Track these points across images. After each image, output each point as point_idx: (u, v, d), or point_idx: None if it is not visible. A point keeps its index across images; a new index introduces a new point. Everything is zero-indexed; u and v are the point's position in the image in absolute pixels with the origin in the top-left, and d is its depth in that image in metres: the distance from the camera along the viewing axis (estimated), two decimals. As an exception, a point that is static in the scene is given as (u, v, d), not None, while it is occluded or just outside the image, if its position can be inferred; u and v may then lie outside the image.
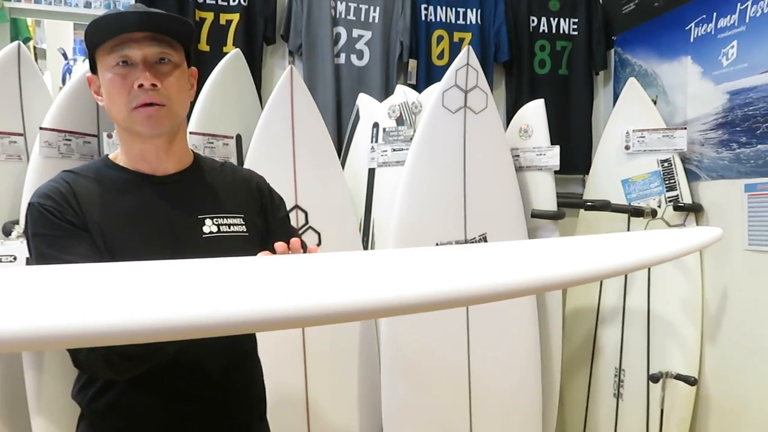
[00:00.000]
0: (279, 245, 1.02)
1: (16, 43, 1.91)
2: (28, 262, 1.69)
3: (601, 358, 2.45)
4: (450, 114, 2.01)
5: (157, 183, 1.12)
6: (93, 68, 1.11)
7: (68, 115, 1.87)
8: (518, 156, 2.25)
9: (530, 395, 2.08)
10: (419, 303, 0.58)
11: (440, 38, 2.73)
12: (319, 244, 1.98)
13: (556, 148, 2.20)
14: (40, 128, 1.81)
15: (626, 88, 2.48)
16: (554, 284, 0.76)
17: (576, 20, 2.89)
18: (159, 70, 1.06)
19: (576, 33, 2.89)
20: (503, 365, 2.04)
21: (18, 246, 1.69)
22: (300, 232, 1.96)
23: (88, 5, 2.42)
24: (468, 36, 2.75)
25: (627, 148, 2.39)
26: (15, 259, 1.69)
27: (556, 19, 2.87)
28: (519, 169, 2.23)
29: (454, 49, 2.73)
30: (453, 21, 2.74)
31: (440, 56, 2.74)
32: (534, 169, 2.24)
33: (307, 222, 1.99)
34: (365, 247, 2.16)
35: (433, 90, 2.14)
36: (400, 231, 1.98)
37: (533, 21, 2.85)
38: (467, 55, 2.01)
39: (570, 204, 2.42)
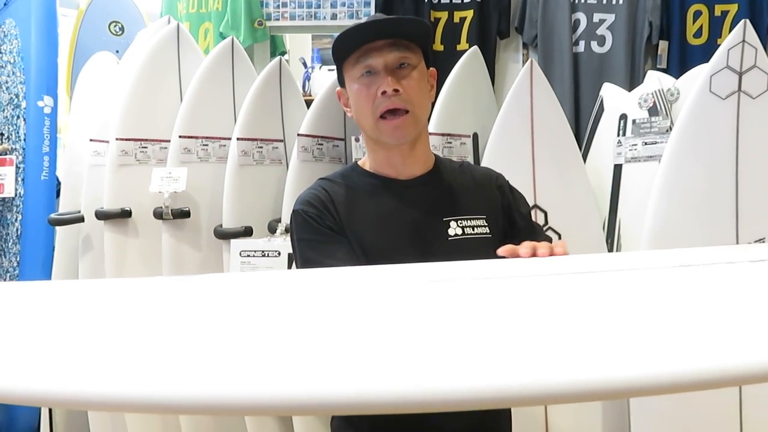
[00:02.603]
0: (526, 246, 0.98)
1: (278, 58, 2.12)
2: (290, 258, 1.87)
3: None
4: (719, 101, 1.74)
5: (403, 187, 1.15)
6: (341, 82, 1.17)
7: (320, 122, 2.02)
8: (807, 146, 1.88)
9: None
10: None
11: (698, 13, 2.41)
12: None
13: None
14: (298, 134, 1.97)
15: None
16: None
17: None
18: (400, 74, 1.09)
19: None
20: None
21: (281, 242, 1.87)
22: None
23: (334, 17, 2.61)
24: (733, 8, 2.38)
25: None
26: (279, 254, 1.87)
27: None
28: (808, 161, 1.86)
29: (715, 25, 2.40)
30: (714, -9, 2.40)
31: (697, 34, 2.42)
32: (831, 161, 1.85)
33: (546, 222, 1.90)
34: (610, 250, 1.99)
35: (695, 74, 1.88)
36: (656, 234, 1.77)
37: (823, -21, 2.37)
38: (743, 31, 1.72)
39: None
